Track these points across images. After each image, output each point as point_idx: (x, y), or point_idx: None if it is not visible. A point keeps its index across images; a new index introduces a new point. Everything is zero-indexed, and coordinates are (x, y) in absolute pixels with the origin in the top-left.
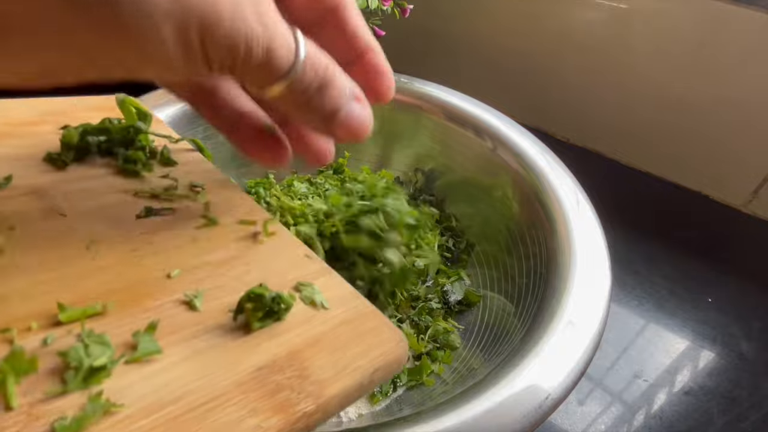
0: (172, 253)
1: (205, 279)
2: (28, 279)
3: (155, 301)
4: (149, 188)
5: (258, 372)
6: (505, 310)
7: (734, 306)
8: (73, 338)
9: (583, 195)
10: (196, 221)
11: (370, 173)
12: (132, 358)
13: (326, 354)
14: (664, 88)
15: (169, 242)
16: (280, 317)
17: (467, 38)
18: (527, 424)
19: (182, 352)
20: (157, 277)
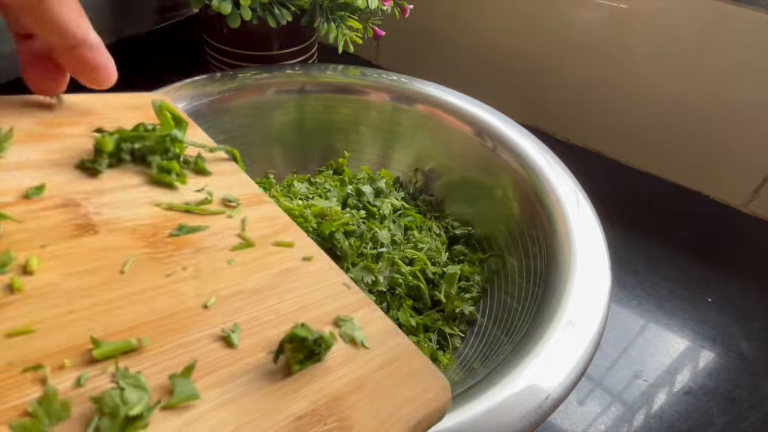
0: (207, 278)
1: (241, 310)
2: (61, 307)
3: (190, 335)
4: (183, 202)
5: (298, 422)
6: (505, 310)
7: (734, 306)
8: (108, 378)
9: (583, 195)
10: (231, 241)
11: (370, 172)
12: (168, 404)
13: (368, 402)
14: (664, 87)
15: (204, 266)
16: (320, 358)
17: (467, 38)
18: (527, 424)
19: (220, 396)
20: (192, 306)
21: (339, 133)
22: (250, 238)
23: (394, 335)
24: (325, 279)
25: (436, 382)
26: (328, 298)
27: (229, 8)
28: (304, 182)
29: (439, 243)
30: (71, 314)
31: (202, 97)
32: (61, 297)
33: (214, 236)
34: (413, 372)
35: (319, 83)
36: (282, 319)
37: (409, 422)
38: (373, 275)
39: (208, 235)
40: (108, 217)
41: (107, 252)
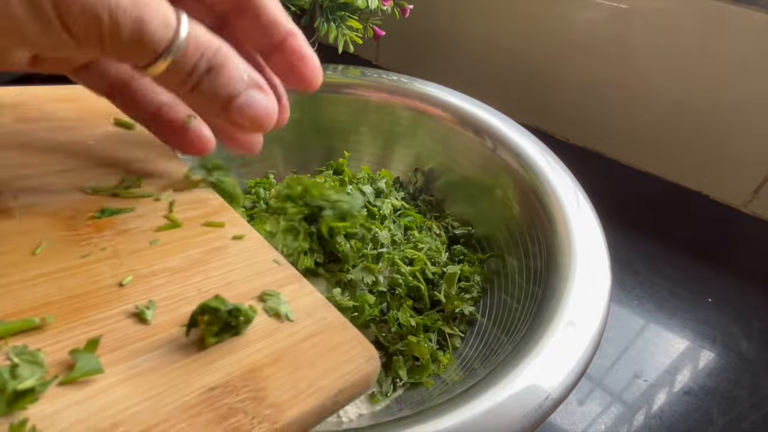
0: (126, 259)
1: (161, 287)
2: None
3: (101, 313)
4: (110, 185)
5: (209, 393)
6: (505, 310)
7: (734, 306)
8: (3, 357)
9: (583, 195)
10: (157, 222)
11: (370, 172)
12: (67, 378)
13: (287, 373)
14: (664, 87)
15: (123, 246)
16: (238, 331)
17: (467, 38)
18: (527, 424)
19: (125, 371)
20: (106, 285)
21: (339, 133)
22: (177, 219)
23: (323, 309)
24: (255, 256)
25: (362, 352)
26: (257, 274)
27: None
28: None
29: (439, 243)
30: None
31: None
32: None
33: (138, 218)
34: (339, 343)
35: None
36: (202, 296)
37: (330, 392)
38: (374, 275)
39: (133, 217)
40: (27, 202)
41: (21, 236)
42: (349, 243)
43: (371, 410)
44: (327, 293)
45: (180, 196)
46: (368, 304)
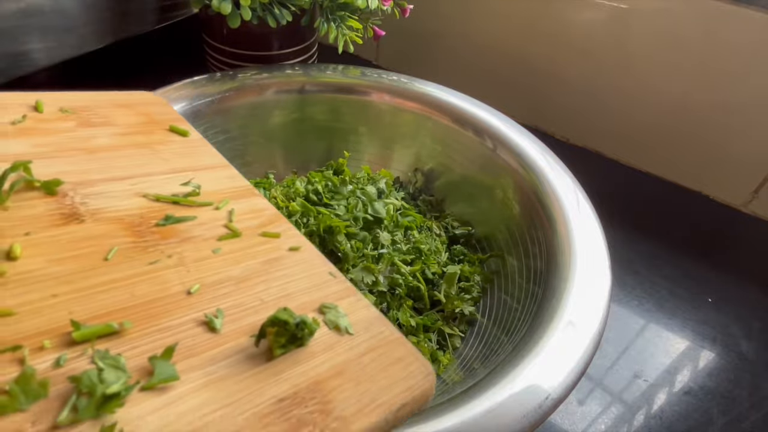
0: (191, 267)
1: (226, 296)
2: (42, 292)
3: (173, 320)
4: (170, 193)
5: (279, 404)
6: (505, 310)
7: (734, 306)
8: (87, 360)
9: (583, 195)
10: (218, 231)
11: (370, 172)
12: (148, 385)
13: (351, 386)
14: (664, 87)
15: (189, 254)
16: (303, 343)
17: (467, 38)
18: (527, 424)
19: (201, 378)
20: (175, 292)
21: (339, 133)
22: (237, 229)
23: (379, 323)
24: (311, 268)
25: (420, 368)
26: (314, 286)
27: (229, 8)
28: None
29: (439, 243)
30: (53, 298)
31: (202, 97)
32: (44, 282)
33: (200, 226)
34: (397, 359)
35: (319, 83)
36: (266, 306)
37: (392, 407)
38: (374, 276)
39: (195, 225)
40: (94, 207)
41: (92, 240)
42: (349, 243)
43: None
44: None
45: (237, 205)
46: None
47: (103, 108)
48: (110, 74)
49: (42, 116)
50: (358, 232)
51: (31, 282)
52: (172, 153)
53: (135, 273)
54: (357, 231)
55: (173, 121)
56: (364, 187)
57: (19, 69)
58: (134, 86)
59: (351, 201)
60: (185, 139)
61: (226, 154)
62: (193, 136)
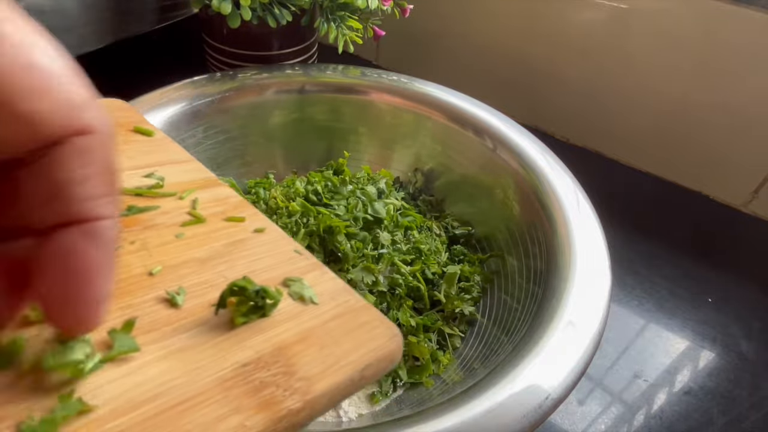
0: (154, 251)
1: (189, 275)
2: None
3: (134, 299)
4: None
5: (242, 369)
6: (505, 310)
7: (734, 306)
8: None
9: (583, 195)
10: (181, 218)
11: (370, 172)
12: (107, 356)
13: (315, 350)
14: (664, 87)
15: (151, 240)
16: (265, 313)
17: (467, 38)
18: (527, 424)
19: (161, 350)
20: (137, 274)
21: (339, 133)
22: (201, 215)
23: (345, 293)
24: (276, 248)
25: (385, 331)
26: (279, 263)
27: (229, 8)
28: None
29: (439, 243)
30: None
31: (202, 97)
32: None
33: (164, 215)
34: (362, 323)
35: (319, 83)
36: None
37: (357, 367)
38: (374, 275)
39: (158, 214)
40: None
41: None
42: (349, 243)
43: (371, 410)
44: None
45: (201, 194)
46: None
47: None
48: (110, 74)
49: None
50: (358, 232)
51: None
52: (136, 151)
53: None
54: (357, 231)
55: (138, 122)
56: (364, 187)
57: None
58: (134, 86)
59: (351, 201)
60: (150, 138)
61: (226, 154)
62: (157, 135)
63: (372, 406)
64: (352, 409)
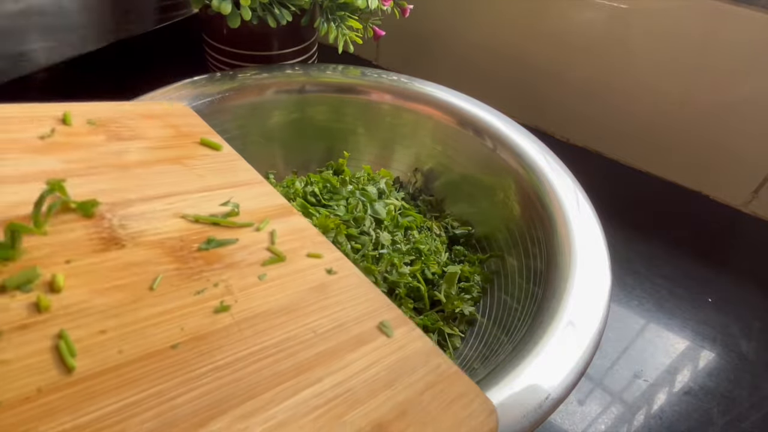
0: (239, 296)
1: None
2: (89, 328)
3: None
4: (209, 213)
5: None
6: (505, 310)
7: (734, 306)
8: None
9: (583, 195)
10: (261, 255)
11: (370, 171)
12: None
13: (416, 429)
14: (664, 87)
15: (234, 281)
16: None
17: (467, 38)
18: (527, 424)
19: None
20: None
21: (339, 133)
22: (281, 252)
23: (435, 355)
24: (360, 295)
25: (483, 405)
26: (366, 315)
27: (229, 8)
28: (305, 182)
29: (439, 243)
30: (101, 335)
31: (202, 97)
32: (90, 317)
33: (243, 250)
34: (458, 395)
35: (319, 83)
36: (320, 338)
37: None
38: (374, 276)
39: (238, 248)
40: (133, 230)
41: (135, 268)
42: (350, 244)
43: None
44: None
45: (278, 225)
46: None
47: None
48: (110, 74)
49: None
50: (358, 234)
51: (77, 317)
52: (206, 169)
53: (183, 304)
54: (357, 233)
55: (204, 133)
56: (364, 187)
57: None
58: (134, 86)
59: (351, 201)
60: (218, 153)
61: None
62: (225, 149)
63: None
64: None
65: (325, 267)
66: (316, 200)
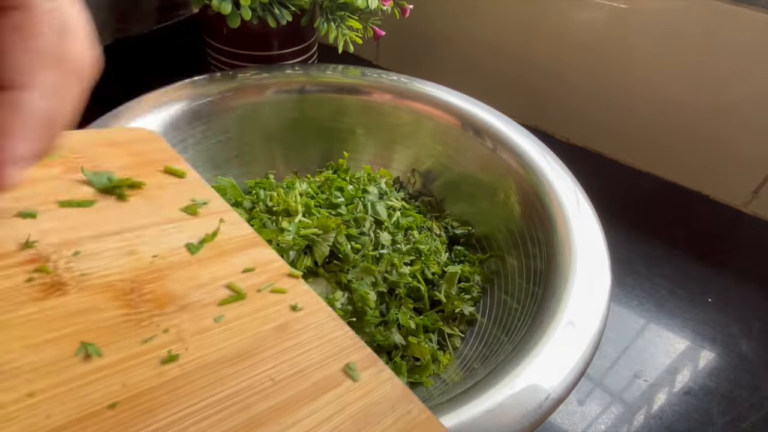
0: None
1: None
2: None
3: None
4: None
5: None
6: (505, 310)
7: (734, 306)
8: None
9: (583, 195)
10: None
11: (371, 171)
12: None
13: None
14: (664, 87)
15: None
16: None
17: (467, 38)
18: (527, 424)
19: None
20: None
21: (339, 133)
22: (241, 289)
23: (405, 399)
24: (324, 332)
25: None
26: (332, 357)
27: (229, 8)
28: (305, 182)
29: (439, 243)
30: (28, 398)
31: (202, 97)
32: (19, 377)
33: (200, 289)
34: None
35: (319, 83)
36: (277, 387)
37: None
38: (374, 276)
39: (194, 288)
40: (81, 271)
41: (76, 316)
42: (350, 244)
43: None
44: (328, 294)
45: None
46: (369, 308)
47: (94, 148)
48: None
49: None
50: (358, 235)
51: (2, 379)
52: (168, 200)
53: (127, 356)
54: (357, 233)
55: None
56: (365, 187)
57: None
58: (134, 86)
59: (352, 201)
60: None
61: (226, 154)
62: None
63: None
64: None
65: (290, 303)
66: (318, 200)
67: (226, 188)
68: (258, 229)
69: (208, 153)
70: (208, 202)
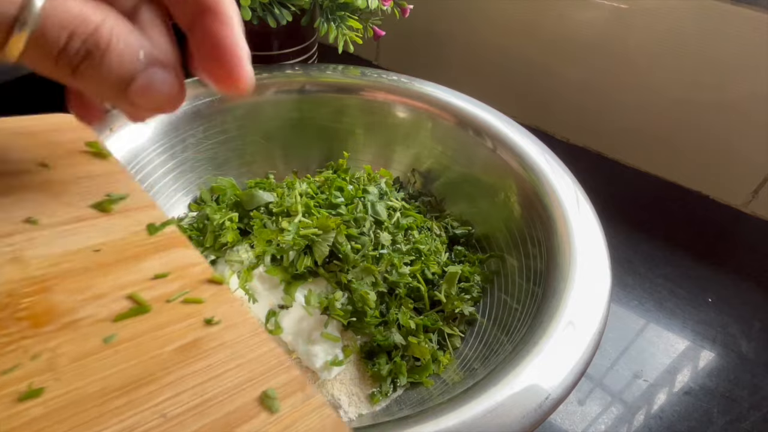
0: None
1: (112, 416)
2: None
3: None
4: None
5: None
6: (505, 310)
7: (734, 306)
8: None
9: (583, 195)
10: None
11: (371, 171)
12: None
13: None
14: (664, 87)
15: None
16: None
17: (467, 38)
18: (527, 424)
19: None
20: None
21: (339, 133)
22: (145, 301)
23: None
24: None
25: None
26: (248, 382)
27: None
28: (305, 182)
29: (439, 243)
30: None
31: (202, 97)
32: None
33: (95, 301)
34: None
35: (319, 83)
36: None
37: None
38: (374, 276)
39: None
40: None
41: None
42: (350, 244)
43: (371, 410)
44: (328, 294)
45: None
46: (369, 308)
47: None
48: None
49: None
50: (358, 235)
51: None
52: (78, 194)
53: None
54: (357, 233)
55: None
56: (365, 187)
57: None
58: None
59: (352, 201)
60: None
61: (226, 154)
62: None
63: (372, 406)
64: (353, 410)
65: (205, 316)
66: (318, 200)
67: (226, 188)
68: (258, 229)
69: (209, 153)
70: (126, 197)
